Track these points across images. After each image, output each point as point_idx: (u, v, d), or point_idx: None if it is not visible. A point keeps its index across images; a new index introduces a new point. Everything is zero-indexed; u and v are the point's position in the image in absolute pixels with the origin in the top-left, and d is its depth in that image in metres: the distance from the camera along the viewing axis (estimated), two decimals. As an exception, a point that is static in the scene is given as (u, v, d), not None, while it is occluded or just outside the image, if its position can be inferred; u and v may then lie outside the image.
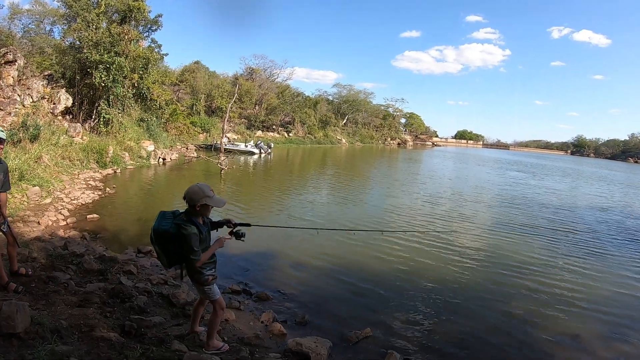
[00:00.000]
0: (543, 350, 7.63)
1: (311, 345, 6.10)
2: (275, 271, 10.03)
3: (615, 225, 19.52)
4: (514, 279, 11.03)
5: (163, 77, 32.89)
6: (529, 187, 34.26)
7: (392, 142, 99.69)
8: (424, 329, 7.88)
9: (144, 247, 9.99)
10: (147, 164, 23.83)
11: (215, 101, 49.80)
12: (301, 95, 73.14)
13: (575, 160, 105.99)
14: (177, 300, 6.95)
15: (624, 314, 9.54)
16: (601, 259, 13.59)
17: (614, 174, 63.34)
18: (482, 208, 21.47)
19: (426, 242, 13.51)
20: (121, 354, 4.54)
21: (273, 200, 18.87)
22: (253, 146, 40.65)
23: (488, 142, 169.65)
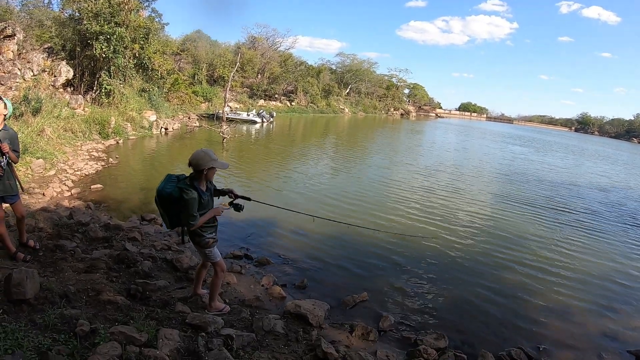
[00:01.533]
0: (534, 319, 7.84)
1: (309, 307, 6.32)
2: (276, 237, 10.24)
3: (614, 206, 19.60)
4: (509, 251, 11.23)
5: (164, 47, 32.64)
6: (531, 162, 34.32)
7: (395, 113, 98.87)
8: (418, 296, 8.12)
9: (148, 214, 10.23)
10: (149, 134, 23.87)
11: (217, 70, 49.41)
12: (304, 64, 72.31)
13: (579, 138, 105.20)
14: (181, 264, 7.18)
15: (616, 290, 9.77)
16: (597, 237, 13.79)
17: (618, 154, 62.92)
18: (481, 182, 21.59)
19: (423, 214, 13.74)
20: (127, 315, 4.75)
21: (274, 170, 18.97)
22: (255, 115, 40.44)
23: (492, 115, 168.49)
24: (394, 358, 5.82)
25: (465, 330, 7.20)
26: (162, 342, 4.12)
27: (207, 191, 5.17)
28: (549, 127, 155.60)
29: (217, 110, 36.82)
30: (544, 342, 7.17)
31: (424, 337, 6.51)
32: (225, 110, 31.82)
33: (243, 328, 5.42)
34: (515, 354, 6.52)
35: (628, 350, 7.34)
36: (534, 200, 18.04)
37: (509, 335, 7.27)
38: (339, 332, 6.22)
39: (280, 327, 5.60)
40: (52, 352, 3.38)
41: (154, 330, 4.35)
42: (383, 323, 6.82)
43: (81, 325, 3.93)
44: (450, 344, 6.57)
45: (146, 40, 26.23)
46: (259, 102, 54.30)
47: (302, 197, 14.35)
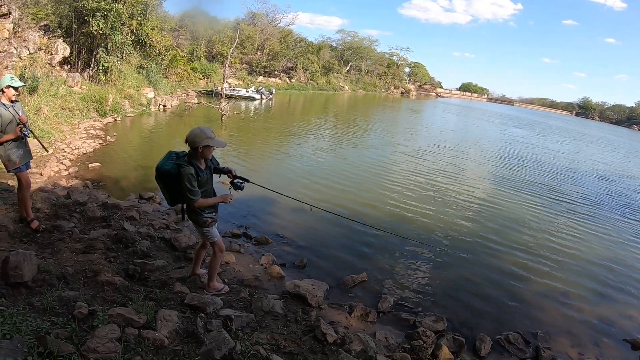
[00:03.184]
0: (532, 305, 7.91)
1: (308, 287, 6.36)
2: (275, 216, 10.27)
3: (613, 193, 19.68)
4: (507, 236, 11.28)
5: (162, 23, 32.34)
6: (531, 146, 34.33)
7: (396, 91, 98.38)
8: (417, 277, 8.16)
9: (146, 192, 10.22)
10: (147, 111, 23.77)
11: (216, 47, 49.11)
12: (304, 40, 71.86)
13: (579, 122, 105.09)
14: (179, 244, 7.17)
15: (613, 278, 9.83)
16: (596, 224, 13.88)
17: (618, 140, 63.02)
18: (480, 165, 21.73)
19: (423, 195, 13.80)
20: (125, 296, 4.73)
21: (273, 148, 18.94)
22: (254, 92, 40.27)
23: (492, 97, 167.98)
24: (392, 340, 5.88)
25: (463, 313, 7.24)
26: (160, 323, 4.11)
27: (206, 169, 5.14)
28: (550, 111, 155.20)
29: (216, 87, 36.65)
30: (541, 327, 7.21)
31: (422, 319, 6.57)
32: (224, 87, 31.76)
33: (242, 308, 5.43)
34: (513, 338, 6.59)
35: (624, 338, 7.39)
36: (532, 186, 18.09)
37: (506, 319, 7.32)
38: (338, 313, 6.26)
39: (279, 308, 5.61)
40: (51, 335, 3.35)
41: (153, 312, 4.33)
42: (382, 304, 6.85)
43: (79, 307, 3.90)
44: (449, 326, 6.62)
45: (144, 16, 25.89)
46: (258, 79, 54.02)
47: (301, 177, 14.28)
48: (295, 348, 4.79)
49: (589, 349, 6.93)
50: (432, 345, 5.83)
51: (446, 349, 5.77)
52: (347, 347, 5.13)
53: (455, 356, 5.83)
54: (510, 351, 6.39)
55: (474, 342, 6.33)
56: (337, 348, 5.05)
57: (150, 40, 27.58)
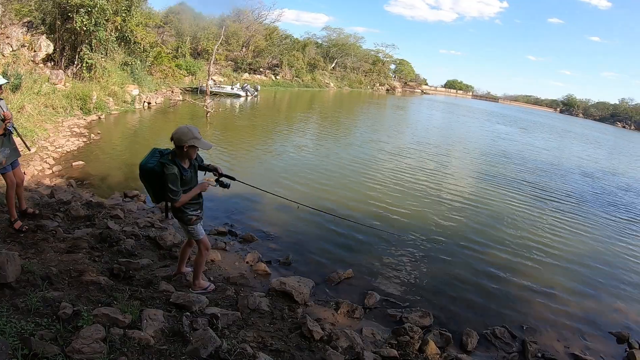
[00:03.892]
0: (518, 299, 7.97)
1: (294, 284, 6.35)
2: (261, 213, 10.23)
3: (597, 190, 19.90)
4: (492, 231, 11.37)
5: (147, 19, 31.90)
6: (515, 143, 34.48)
7: (381, 88, 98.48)
8: (403, 273, 8.18)
9: (130, 191, 10.11)
10: (131, 109, 23.54)
11: (201, 43, 48.90)
12: (289, 37, 71.69)
13: (563, 119, 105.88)
14: (164, 242, 7.13)
15: (598, 272, 9.95)
16: (580, 219, 14.04)
17: (603, 137, 63.60)
18: (465, 162, 21.78)
19: (408, 193, 13.83)
20: (110, 296, 4.71)
21: (258, 145, 18.85)
22: (239, 89, 40.13)
23: (477, 94, 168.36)
24: (379, 336, 5.89)
25: (449, 308, 7.28)
26: (146, 322, 4.10)
27: (190, 168, 5.10)
28: (534, 107, 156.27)
29: (201, 84, 36.48)
30: (527, 321, 7.29)
31: (409, 314, 6.59)
32: (209, 84, 31.60)
33: (228, 306, 5.42)
34: (499, 332, 6.65)
35: (609, 331, 7.48)
36: (517, 182, 18.18)
37: (493, 313, 7.36)
38: (325, 310, 6.26)
39: (266, 305, 5.63)
40: (35, 337, 3.33)
41: (138, 311, 4.31)
42: (368, 300, 6.87)
43: (64, 308, 3.88)
44: (435, 321, 6.65)
45: (128, 13, 25.60)
46: (244, 76, 53.76)
47: (286, 174, 14.21)
48: (282, 345, 4.80)
49: (575, 342, 6.99)
50: (419, 341, 5.83)
51: (433, 344, 5.79)
52: (333, 343, 5.14)
53: (442, 351, 5.85)
54: (496, 345, 6.43)
55: (460, 336, 6.36)
56: (323, 345, 5.06)
57: (134, 37, 27.33)
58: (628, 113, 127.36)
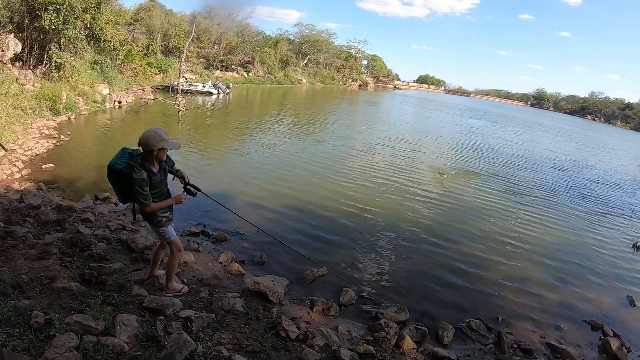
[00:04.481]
0: (492, 292, 8.10)
1: (268, 284, 6.35)
2: (233, 213, 10.22)
3: (568, 181, 20.33)
4: (466, 225, 11.51)
5: (117, 17, 31.22)
6: (487, 137, 34.88)
7: (353, 84, 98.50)
8: (377, 269, 8.24)
9: (101, 193, 9.98)
10: (102, 109, 23.18)
11: (172, 41, 48.28)
12: (261, 34, 71.27)
13: (534, 113, 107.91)
14: (136, 245, 7.06)
15: (571, 263, 10.18)
16: (552, 211, 14.31)
17: (573, 130, 64.90)
18: (436, 156, 21.84)
19: (381, 188, 13.89)
20: (83, 302, 4.64)
21: (229, 144, 18.76)
22: (211, 86, 39.75)
23: (449, 88, 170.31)
24: (355, 332, 5.92)
25: (425, 302, 7.35)
26: (119, 328, 4.07)
27: (160, 171, 5.05)
28: (506, 101, 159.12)
29: (172, 82, 36.02)
30: (502, 313, 7.40)
31: (384, 310, 6.63)
32: (180, 82, 31.26)
33: (202, 309, 5.40)
34: (475, 325, 6.74)
35: (584, 320, 7.66)
36: (489, 176, 18.41)
37: (468, 307, 7.46)
38: (300, 308, 6.27)
39: (240, 306, 5.62)
40: (8, 348, 3.29)
41: (111, 317, 4.28)
42: (343, 297, 6.89)
43: (36, 317, 3.83)
44: (411, 316, 6.70)
45: (98, 10, 25.13)
46: (215, 73, 53.29)
47: (257, 174, 14.01)
48: (257, 346, 4.81)
49: (550, 332, 7.13)
50: (395, 336, 5.88)
51: (409, 339, 5.84)
52: (309, 342, 5.16)
53: (418, 346, 5.89)
54: (472, 338, 6.52)
55: (436, 330, 6.44)
56: (299, 344, 5.09)
57: (104, 35, 26.88)
58: (598, 106, 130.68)
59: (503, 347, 6.33)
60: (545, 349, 6.63)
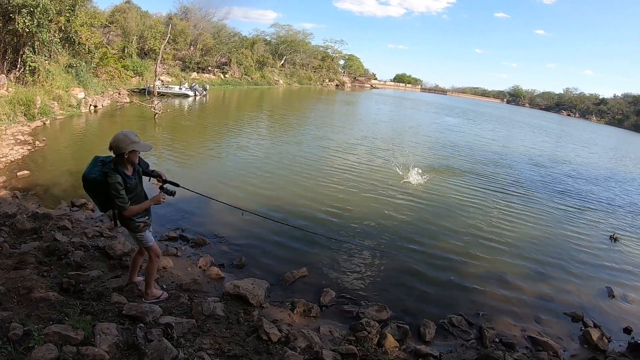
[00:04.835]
0: (472, 287, 8.18)
1: (248, 287, 6.33)
2: (211, 216, 10.14)
3: (545, 176, 20.70)
4: (444, 222, 11.60)
5: (92, 19, 30.77)
6: (463, 134, 35.30)
7: (330, 84, 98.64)
8: (358, 269, 8.28)
9: (78, 199, 9.86)
10: (77, 113, 22.93)
11: (148, 43, 47.76)
12: (238, 35, 71.03)
13: (510, 109, 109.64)
14: (114, 251, 6.97)
15: (550, 256, 10.36)
16: (529, 205, 14.59)
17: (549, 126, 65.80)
18: (414, 154, 21.80)
19: (358, 187, 13.95)
20: (61, 312, 4.60)
21: (207, 146, 18.68)
22: (187, 88, 39.57)
23: (426, 87, 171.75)
24: (337, 333, 5.94)
25: (405, 301, 7.41)
26: (99, 337, 4.04)
27: (134, 175, 5.02)
28: (482, 99, 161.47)
29: (149, 85, 35.71)
30: (483, 308, 7.50)
31: (365, 309, 6.67)
32: (156, 85, 30.99)
33: (182, 314, 5.38)
34: (456, 320, 6.81)
35: (564, 312, 7.79)
36: (466, 174, 18.57)
37: (449, 303, 7.54)
38: (281, 311, 6.27)
39: (221, 310, 5.59)
40: (-14, 362, 3.26)
41: (90, 326, 4.25)
42: (324, 298, 6.91)
43: (14, 329, 3.80)
44: (392, 315, 6.76)
45: (72, 12, 24.76)
46: (192, 75, 52.97)
47: (235, 176, 14.09)
48: (239, 350, 4.80)
49: (531, 325, 7.25)
50: (377, 335, 5.91)
51: (391, 338, 5.88)
52: (292, 344, 5.17)
53: (400, 344, 5.94)
54: (454, 334, 6.59)
55: (418, 328, 6.49)
56: (281, 346, 5.09)
57: (79, 38, 26.55)
58: (573, 102, 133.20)
59: (485, 342, 6.40)
60: (526, 341, 6.72)
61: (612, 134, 75.01)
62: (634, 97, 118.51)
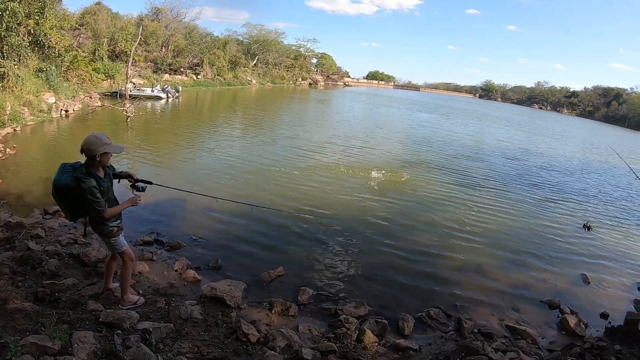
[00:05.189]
0: (449, 279, 8.33)
1: (225, 288, 6.32)
2: (186, 218, 10.13)
3: (518, 169, 21.21)
4: (419, 216, 11.78)
5: (61, 22, 30.48)
6: (436, 129, 35.77)
7: (303, 83, 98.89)
8: (334, 266, 8.34)
9: (51, 207, 9.68)
10: (48, 118, 22.57)
11: (119, 45, 47.24)
12: (209, 35, 70.65)
13: (483, 104, 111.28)
14: (89, 259, 6.87)
15: (525, 246, 10.61)
16: (503, 198, 14.88)
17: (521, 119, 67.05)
18: (387, 150, 22.31)
19: (333, 185, 14.06)
20: (37, 322, 4.55)
21: (180, 148, 18.65)
22: (160, 91, 39.25)
23: (399, 83, 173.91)
24: (316, 331, 5.97)
25: (383, 296, 7.49)
26: (77, 346, 4.02)
27: (106, 177, 4.96)
28: (455, 94, 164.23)
29: (120, 88, 35.34)
30: (460, 300, 7.63)
31: (343, 306, 6.73)
32: (128, 87, 30.70)
33: (160, 319, 5.34)
34: (434, 313, 6.92)
35: (541, 300, 7.97)
36: (440, 168, 18.86)
37: (426, 296, 7.65)
38: (258, 311, 6.27)
39: (198, 313, 5.59)
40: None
41: (67, 335, 4.21)
42: (302, 296, 6.96)
43: (-11, 341, 3.75)
44: (370, 310, 6.82)
45: (42, 15, 24.55)
46: (164, 77, 52.55)
47: (208, 176, 14.16)
48: (218, 353, 4.80)
49: (509, 314, 7.40)
50: (355, 331, 5.95)
51: (370, 333, 5.92)
52: (271, 344, 5.18)
53: (379, 339, 6.00)
54: (433, 326, 6.69)
55: (396, 322, 6.56)
56: (261, 347, 5.10)
57: (48, 41, 26.25)
58: (544, 95, 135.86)
59: (464, 333, 6.49)
60: (505, 331, 6.84)
61: (584, 126, 76.61)
62: (604, 90, 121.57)
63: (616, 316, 7.79)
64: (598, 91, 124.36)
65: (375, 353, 5.65)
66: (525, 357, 5.71)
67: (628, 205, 16.93)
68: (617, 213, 15.48)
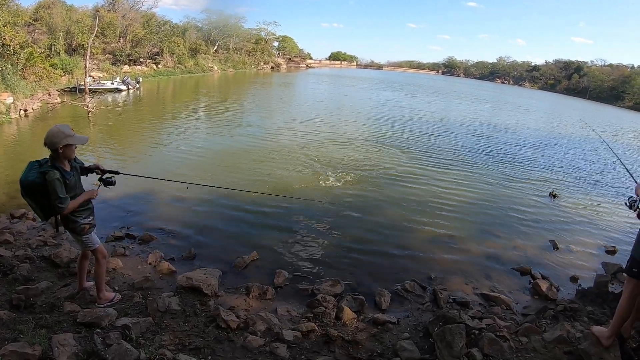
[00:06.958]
0: (422, 252, 8.51)
1: (201, 277, 6.34)
2: (155, 210, 10.08)
3: (484, 143, 21.57)
4: (388, 192, 12.00)
5: (15, 18, 29.70)
6: (401, 108, 36.11)
7: (266, 67, 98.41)
8: (307, 246, 8.45)
9: (17, 210, 9.45)
10: (7, 119, 21.91)
11: (75, 38, 46.10)
12: (168, 23, 69.42)
13: (446, 80, 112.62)
14: (60, 259, 6.79)
15: (493, 217, 10.97)
16: (470, 170, 15.28)
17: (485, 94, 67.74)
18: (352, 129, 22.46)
19: (300, 167, 14.15)
20: (15, 330, 4.52)
21: (145, 139, 18.59)
22: (120, 83, 38.46)
23: (362, 63, 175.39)
24: (295, 312, 6.04)
25: (358, 272, 7.61)
26: (57, 350, 3.99)
27: (72, 170, 4.87)
28: (418, 72, 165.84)
29: (79, 82, 34.67)
30: (434, 271, 7.79)
31: (319, 286, 6.81)
32: (87, 82, 30.19)
33: (138, 314, 5.34)
34: (410, 286, 7.05)
35: (512, 267, 8.20)
36: (406, 146, 19.01)
37: (400, 270, 7.79)
38: (236, 297, 6.32)
39: (176, 304, 5.59)
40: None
41: (46, 340, 4.18)
42: (278, 279, 7.02)
43: (-34, 354, 3.71)
44: (347, 287, 6.91)
45: (-6, 13, 23.84)
46: (124, 68, 51.56)
47: (174, 165, 14.11)
48: (200, 342, 4.83)
49: (482, 282, 7.59)
50: (334, 309, 6.05)
51: (348, 310, 6.01)
52: (251, 329, 5.23)
53: (358, 315, 6.08)
54: (409, 299, 6.82)
55: (373, 297, 6.67)
56: (241, 332, 5.15)
57: (2, 39, 25.53)
58: (506, 69, 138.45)
59: (440, 303, 6.64)
60: (479, 298, 7.03)
61: (546, 98, 78.31)
62: (565, 63, 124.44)
63: (586, 279, 8.07)
64: (559, 65, 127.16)
65: (355, 329, 5.72)
66: (501, 322, 5.85)
67: (592, 176, 17.42)
68: (581, 182, 15.98)
